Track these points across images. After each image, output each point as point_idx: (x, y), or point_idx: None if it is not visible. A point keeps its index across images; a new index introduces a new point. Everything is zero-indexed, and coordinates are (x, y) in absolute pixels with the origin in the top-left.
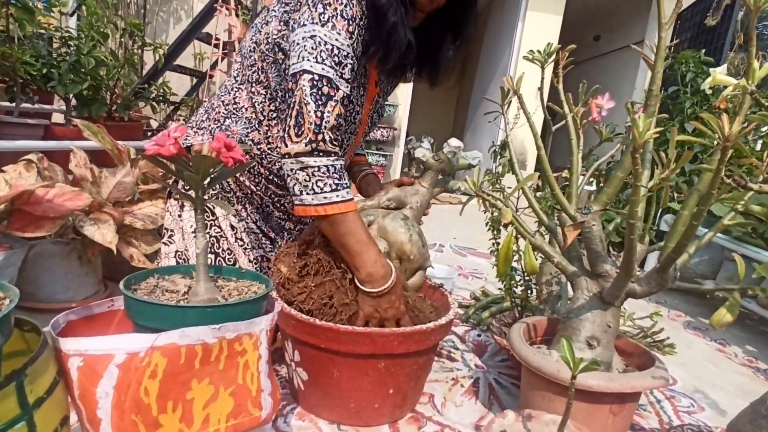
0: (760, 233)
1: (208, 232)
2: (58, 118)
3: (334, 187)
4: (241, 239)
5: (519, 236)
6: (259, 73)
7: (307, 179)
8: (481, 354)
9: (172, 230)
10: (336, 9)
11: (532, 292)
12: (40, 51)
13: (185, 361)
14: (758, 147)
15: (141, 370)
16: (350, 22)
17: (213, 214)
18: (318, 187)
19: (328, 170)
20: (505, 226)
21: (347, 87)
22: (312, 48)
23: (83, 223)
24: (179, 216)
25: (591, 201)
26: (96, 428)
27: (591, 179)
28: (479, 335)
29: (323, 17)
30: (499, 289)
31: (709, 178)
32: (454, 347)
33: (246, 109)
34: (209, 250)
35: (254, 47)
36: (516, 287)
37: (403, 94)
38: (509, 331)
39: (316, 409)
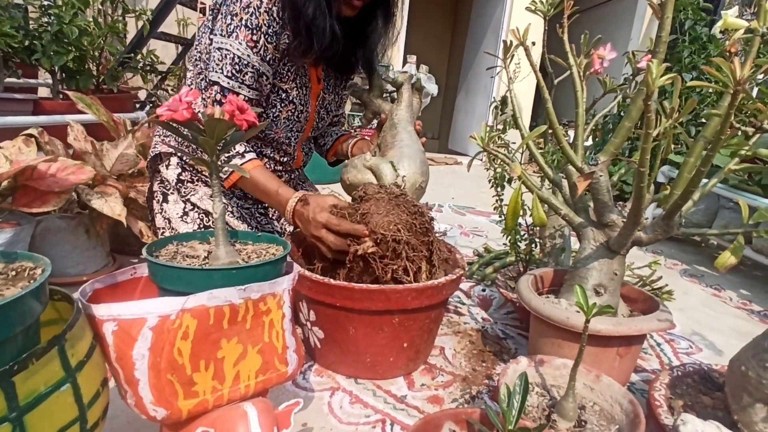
0: (756, 180)
1: (194, 212)
2: (43, 92)
3: (225, 161)
4: (232, 212)
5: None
6: (206, 81)
7: None
8: (486, 308)
9: (162, 228)
10: (242, 19)
11: (536, 246)
12: (19, 22)
13: (214, 321)
14: (753, 94)
15: (173, 332)
16: (254, 32)
17: (191, 203)
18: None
19: None
20: (509, 181)
21: (250, 91)
22: (219, 59)
23: (90, 196)
24: (162, 209)
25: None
26: (134, 388)
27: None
28: (483, 290)
29: (229, 28)
30: (504, 244)
31: (716, 124)
32: (461, 302)
33: None
34: (201, 227)
35: (199, 56)
36: (520, 241)
37: (395, 56)
38: (518, 283)
39: (334, 365)
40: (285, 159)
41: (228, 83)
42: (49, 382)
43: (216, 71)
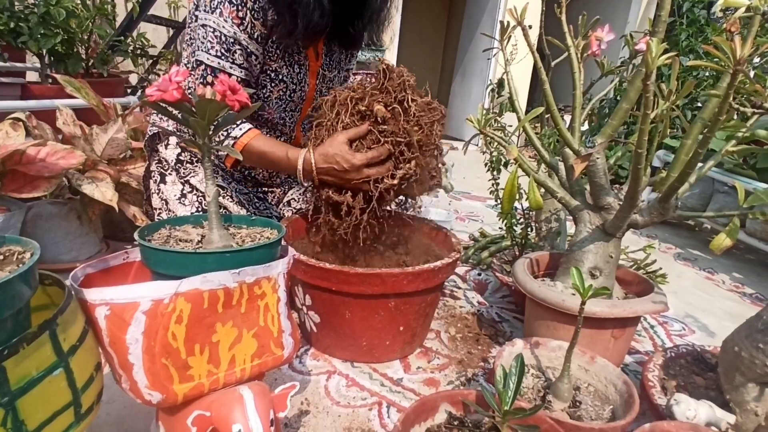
0: (751, 164)
1: (195, 195)
2: (31, 76)
3: (224, 135)
4: (231, 197)
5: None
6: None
7: None
8: (482, 292)
9: (159, 209)
10: None
11: (531, 230)
12: (4, 3)
13: (208, 305)
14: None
15: (167, 316)
16: (239, 8)
17: (189, 184)
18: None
19: None
20: (506, 165)
21: (242, 71)
22: (203, 37)
23: (81, 181)
24: (159, 190)
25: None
26: (129, 373)
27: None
28: (479, 274)
29: (213, 4)
30: (500, 228)
31: (715, 105)
32: (456, 286)
33: None
34: (199, 209)
35: (191, 35)
36: (516, 225)
37: (389, 38)
38: (513, 266)
39: (330, 349)
40: (283, 139)
41: (218, 63)
42: (41, 366)
43: (203, 50)
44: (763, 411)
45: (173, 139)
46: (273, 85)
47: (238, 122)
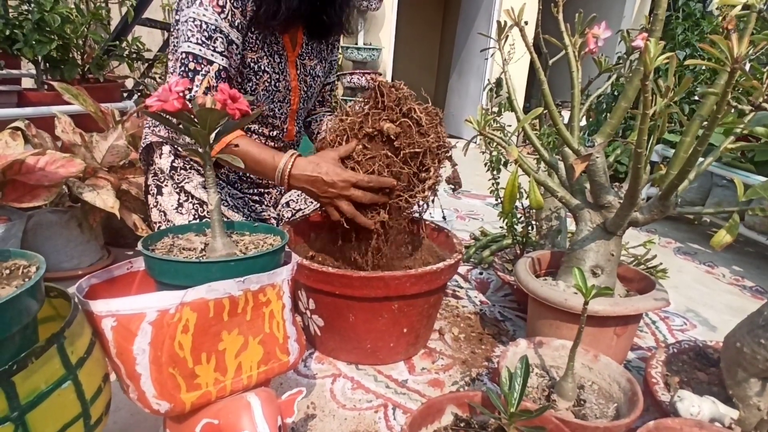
0: (749, 158)
1: (189, 204)
2: (27, 83)
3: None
4: (225, 201)
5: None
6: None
7: None
8: (484, 291)
9: (158, 222)
10: None
11: (532, 228)
12: None
13: (214, 314)
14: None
15: (173, 326)
16: None
17: (185, 192)
18: None
19: None
20: (506, 164)
21: (223, 59)
22: (184, 30)
23: (81, 189)
24: (157, 203)
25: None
26: (136, 383)
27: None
28: (481, 273)
29: None
30: (501, 227)
31: (713, 103)
32: (458, 286)
33: None
34: (196, 217)
35: (175, 42)
36: (517, 224)
37: (386, 37)
38: (515, 266)
39: (334, 352)
40: (274, 133)
41: (200, 50)
42: (49, 380)
43: (183, 41)
44: (766, 406)
45: (166, 148)
46: (257, 77)
47: None
